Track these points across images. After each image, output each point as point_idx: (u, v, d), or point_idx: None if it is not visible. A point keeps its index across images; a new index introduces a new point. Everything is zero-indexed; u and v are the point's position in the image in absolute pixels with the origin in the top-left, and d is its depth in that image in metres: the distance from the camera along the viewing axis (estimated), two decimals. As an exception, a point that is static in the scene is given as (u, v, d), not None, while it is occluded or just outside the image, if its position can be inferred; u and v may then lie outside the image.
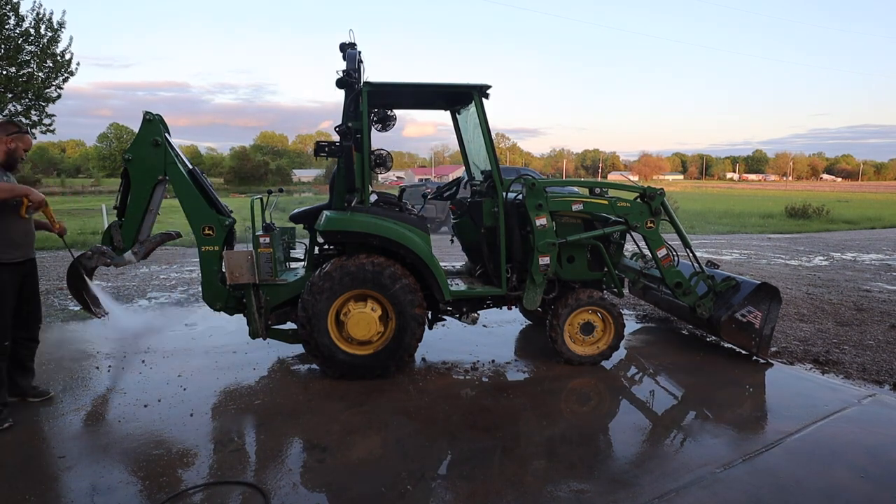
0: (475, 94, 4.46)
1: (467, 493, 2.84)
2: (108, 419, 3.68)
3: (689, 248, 5.08)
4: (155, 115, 4.22)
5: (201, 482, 2.90)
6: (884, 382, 4.42)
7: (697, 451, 3.34)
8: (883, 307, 6.84)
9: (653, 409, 4.00)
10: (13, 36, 9.85)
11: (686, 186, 76.57)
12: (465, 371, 4.59)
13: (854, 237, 15.79)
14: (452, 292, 4.47)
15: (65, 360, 4.74)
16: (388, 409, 3.85)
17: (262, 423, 3.62)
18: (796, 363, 4.89)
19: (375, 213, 4.34)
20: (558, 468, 3.12)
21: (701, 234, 16.09)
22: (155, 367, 4.56)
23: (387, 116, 4.72)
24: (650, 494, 2.84)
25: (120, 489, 2.84)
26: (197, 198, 4.31)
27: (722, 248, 12.58)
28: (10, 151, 3.53)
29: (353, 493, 2.84)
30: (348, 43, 4.42)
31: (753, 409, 3.96)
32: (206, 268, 4.41)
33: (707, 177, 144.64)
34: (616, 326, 4.72)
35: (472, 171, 5.43)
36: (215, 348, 5.08)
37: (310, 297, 4.17)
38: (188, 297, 7.14)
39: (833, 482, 2.99)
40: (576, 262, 4.88)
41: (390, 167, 4.78)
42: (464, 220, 4.99)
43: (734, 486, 2.93)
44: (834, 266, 10.24)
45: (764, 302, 4.79)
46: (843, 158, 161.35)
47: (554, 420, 3.74)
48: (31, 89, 10.09)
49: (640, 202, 4.80)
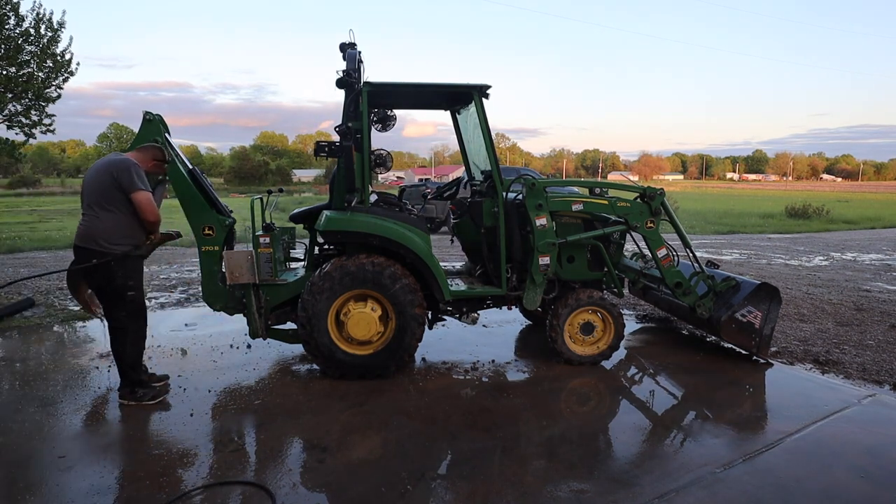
0: (475, 94, 4.46)
1: (467, 493, 2.84)
2: (108, 419, 3.68)
3: (689, 248, 5.08)
4: (155, 115, 4.21)
5: (210, 482, 2.90)
6: (884, 382, 4.42)
7: (697, 451, 3.34)
8: (883, 307, 6.84)
9: (653, 409, 4.00)
10: (13, 36, 9.84)
11: (686, 186, 76.58)
12: (465, 371, 4.59)
13: (854, 237, 15.79)
14: (452, 292, 4.47)
15: (65, 360, 4.74)
16: (388, 409, 3.85)
17: (262, 423, 3.62)
18: (796, 363, 4.89)
19: (375, 213, 4.34)
20: (558, 468, 3.12)
21: (701, 234, 16.09)
22: (155, 368, 4.55)
23: (387, 116, 4.73)
24: (650, 494, 2.84)
25: (120, 489, 2.84)
26: (197, 198, 4.30)
27: (722, 248, 12.57)
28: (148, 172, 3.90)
29: (353, 493, 2.84)
30: (348, 43, 4.42)
31: (753, 409, 3.96)
32: (206, 268, 4.41)
33: (707, 177, 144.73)
34: (616, 326, 4.72)
35: (472, 171, 5.43)
36: (215, 348, 5.08)
37: (310, 297, 4.16)
38: (188, 297, 7.14)
39: (833, 482, 2.99)
40: (576, 262, 4.88)
41: (390, 167, 4.78)
42: (464, 220, 4.99)
43: (734, 486, 2.93)
44: (834, 266, 10.24)
45: (764, 302, 4.79)
46: (843, 158, 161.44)
47: (554, 420, 3.74)
48: (31, 89, 10.08)
49: (640, 202, 4.80)
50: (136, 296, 3.83)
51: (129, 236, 3.75)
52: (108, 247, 3.68)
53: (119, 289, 3.76)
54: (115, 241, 3.70)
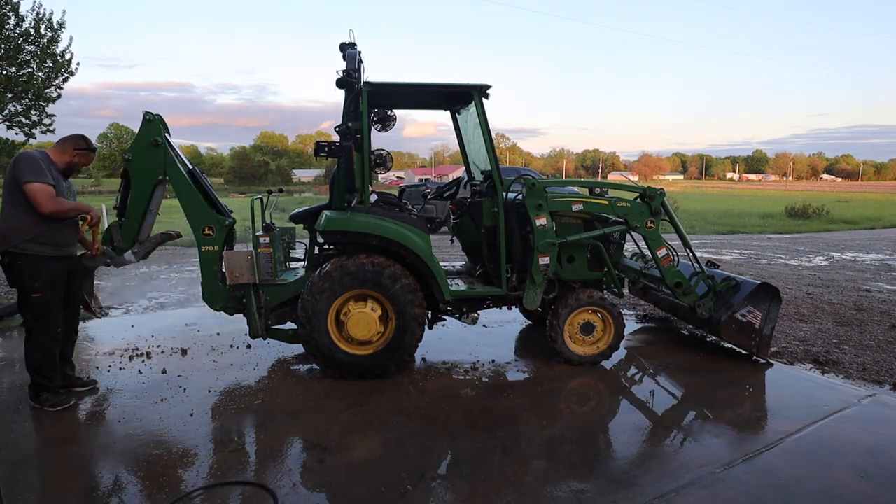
0: (475, 94, 4.46)
1: (467, 493, 2.84)
2: (108, 419, 3.68)
3: (689, 248, 5.08)
4: (155, 115, 4.22)
5: (212, 482, 2.90)
6: (884, 382, 4.42)
7: (697, 451, 3.34)
8: (883, 307, 6.83)
9: (653, 409, 4.00)
10: (13, 36, 9.84)
11: (686, 186, 76.56)
12: (465, 371, 4.59)
13: (854, 237, 15.79)
14: (452, 292, 4.47)
15: (65, 360, 4.73)
16: (388, 409, 3.85)
17: (262, 423, 3.62)
18: (796, 363, 4.89)
19: (375, 213, 4.33)
20: (558, 468, 3.12)
21: (701, 234, 16.09)
22: (155, 367, 4.56)
23: (387, 116, 4.73)
24: (650, 494, 2.84)
25: (120, 489, 2.84)
26: (197, 198, 4.30)
27: (722, 248, 12.57)
28: (71, 164, 3.81)
29: (353, 493, 2.84)
30: (348, 43, 4.42)
31: (753, 409, 3.96)
32: (206, 268, 4.41)
33: (707, 177, 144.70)
34: (616, 326, 4.72)
35: (472, 171, 5.43)
36: (215, 348, 5.08)
37: (310, 297, 4.16)
38: (188, 297, 7.14)
39: (833, 482, 2.99)
40: (576, 262, 4.88)
41: (390, 167, 4.78)
42: (464, 220, 4.99)
43: (734, 486, 2.93)
44: (834, 266, 10.24)
45: (764, 302, 4.79)
46: (843, 158, 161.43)
47: (554, 420, 3.74)
48: (31, 89, 10.08)
49: (640, 202, 4.80)
50: (40, 298, 3.62)
51: (36, 234, 3.54)
52: (17, 245, 3.53)
53: (23, 289, 3.64)
54: (20, 238, 3.53)
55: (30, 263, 3.59)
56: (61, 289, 3.77)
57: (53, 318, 3.72)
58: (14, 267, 3.61)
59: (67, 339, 4.01)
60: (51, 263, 3.66)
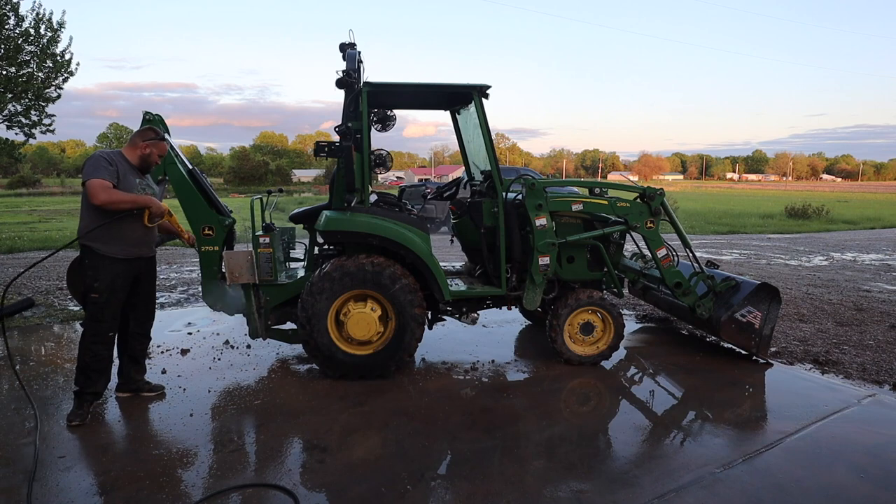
0: (475, 94, 4.46)
1: (467, 493, 2.84)
2: (109, 419, 3.68)
3: (688, 248, 5.08)
4: (154, 115, 4.22)
5: (235, 484, 2.89)
6: (884, 382, 4.42)
7: (697, 451, 3.34)
8: (883, 307, 6.84)
9: (653, 409, 4.00)
10: (13, 36, 9.83)
11: (686, 186, 76.59)
12: (465, 371, 4.59)
13: (854, 237, 15.79)
14: (452, 292, 4.47)
15: (64, 360, 4.73)
16: (388, 409, 3.85)
17: (262, 423, 3.62)
18: (796, 363, 4.89)
19: (375, 213, 4.34)
20: (558, 468, 3.12)
21: (701, 234, 16.09)
22: (155, 368, 4.55)
23: (387, 116, 4.73)
24: (650, 494, 2.84)
25: (120, 489, 2.84)
26: (197, 198, 4.31)
27: (722, 248, 12.58)
28: (144, 156, 3.71)
29: (353, 493, 2.84)
30: (348, 43, 4.42)
31: (753, 409, 3.96)
32: (205, 268, 4.41)
33: (707, 177, 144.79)
34: (616, 326, 4.72)
35: (472, 171, 5.43)
36: (215, 348, 5.08)
37: (310, 297, 4.16)
38: (188, 297, 7.14)
39: (833, 482, 2.99)
40: (576, 262, 4.88)
41: (390, 167, 4.78)
42: (464, 220, 4.99)
43: (734, 486, 2.93)
44: (834, 266, 10.24)
45: (764, 302, 4.79)
46: (842, 158, 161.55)
47: (554, 420, 3.74)
48: (31, 89, 10.07)
49: (640, 202, 4.80)
50: (97, 299, 3.56)
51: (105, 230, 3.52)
52: (86, 240, 3.53)
53: (85, 288, 3.63)
54: (85, 230, 3.52)
55: (94, 262, 3.56)
56: (122, 293, 3.69)
57: (108, 321, 3.63)
58: (83, 263, 3.62)
59: (138, 341, 3.96)
60: (115, 265, 3.60)
